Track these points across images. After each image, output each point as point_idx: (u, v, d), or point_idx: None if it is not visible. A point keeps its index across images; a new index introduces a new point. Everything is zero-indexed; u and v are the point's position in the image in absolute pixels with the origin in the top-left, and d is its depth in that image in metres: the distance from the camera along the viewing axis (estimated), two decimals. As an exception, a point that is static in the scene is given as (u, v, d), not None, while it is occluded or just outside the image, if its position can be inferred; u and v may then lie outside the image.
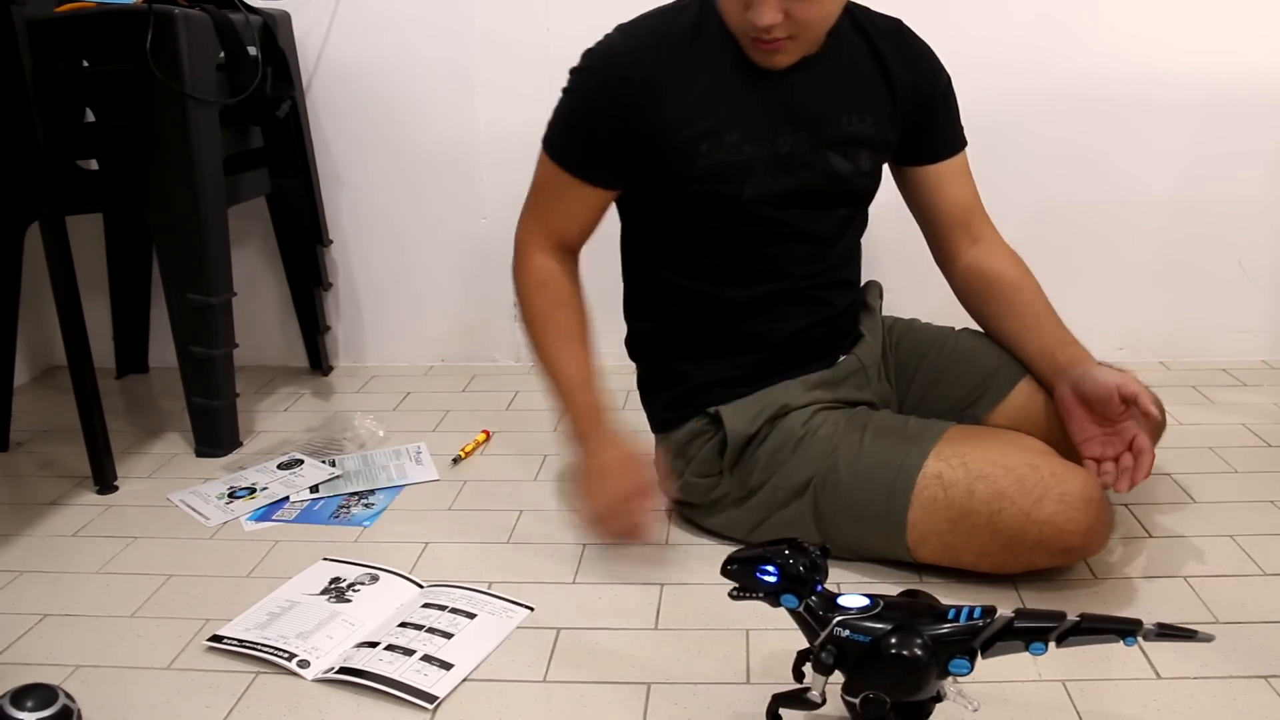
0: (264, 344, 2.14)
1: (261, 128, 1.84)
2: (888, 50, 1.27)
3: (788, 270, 1.27)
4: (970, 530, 1.13)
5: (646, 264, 1.33)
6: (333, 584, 1.22)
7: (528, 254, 1.29)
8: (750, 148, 1.20)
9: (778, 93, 1.20)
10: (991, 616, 0.81)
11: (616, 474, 1.22)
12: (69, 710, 0.91)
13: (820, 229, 1.27)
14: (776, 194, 1.22)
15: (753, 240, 1.25)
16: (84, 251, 1.80)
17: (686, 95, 1.19)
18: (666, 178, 1.22)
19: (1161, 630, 0.79)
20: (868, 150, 1.27)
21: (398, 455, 1.64)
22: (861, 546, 1.21)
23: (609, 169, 1.24)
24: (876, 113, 1.26)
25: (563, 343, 1.27)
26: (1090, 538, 1.11)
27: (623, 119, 1.19)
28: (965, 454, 1.15)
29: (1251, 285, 1.96)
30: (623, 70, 1.19)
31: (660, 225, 1.28)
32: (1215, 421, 1.67)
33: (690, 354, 1.31)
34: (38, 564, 1.32)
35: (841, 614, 0.84)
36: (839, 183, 1.26)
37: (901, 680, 0.82)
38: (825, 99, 1.23)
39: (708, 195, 1.22)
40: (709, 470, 1.28)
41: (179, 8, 1.54)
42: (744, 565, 0.87)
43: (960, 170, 1.35)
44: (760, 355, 1.29)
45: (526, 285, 1.29)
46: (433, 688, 1.02)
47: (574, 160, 1.24)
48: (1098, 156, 1.91)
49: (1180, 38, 1.83)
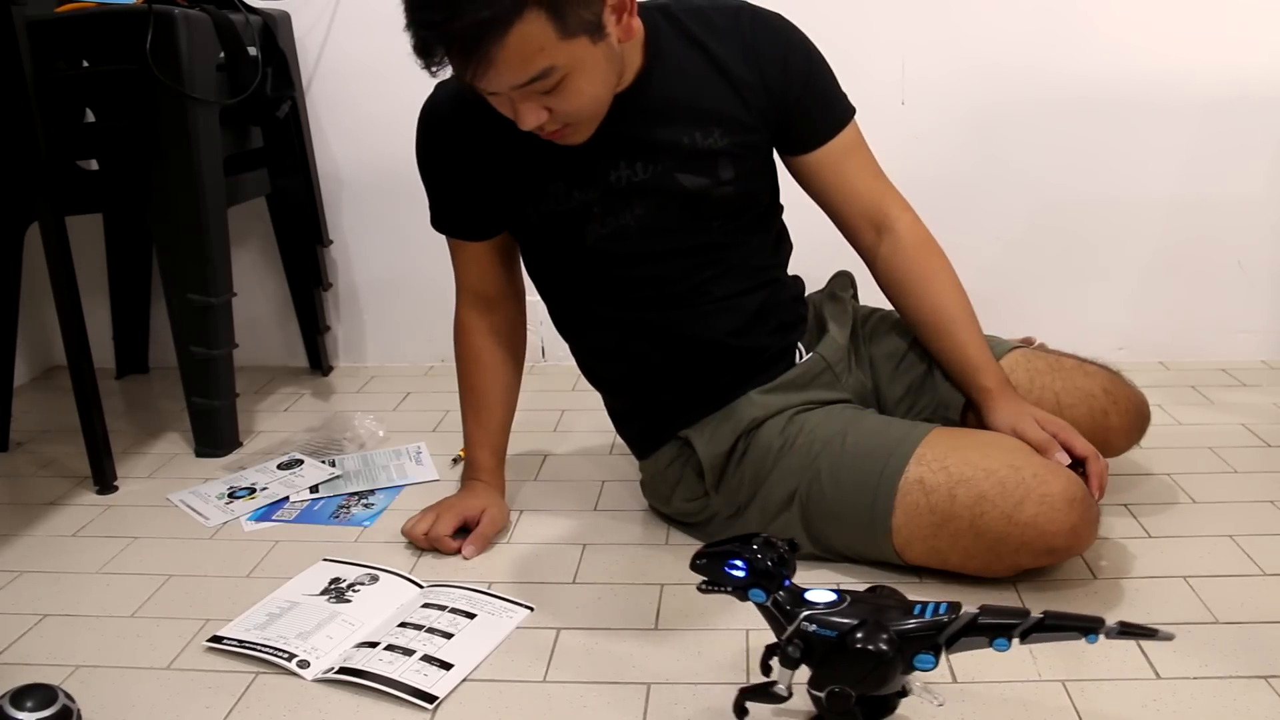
0: (264, 344, 2.14)
1: (261, 128, 1.84)
2: (726, 53, 1.18)
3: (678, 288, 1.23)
4: (954, 534, 1.12)
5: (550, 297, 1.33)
6: (332, 584, 1.22)
7: (457, 309, 1.37)
8: (579, 193, 1.17)
9: (601, 131, 1.13)
10: (957, 613, 0.83)
11: (449, 514, 1.32)
12: (69, 710, 0.91)
13: (696, 244, 1.21)
14: (622, 230, 1.19)
15: (621, 273, 1.22)
16: (84, 251, 1.81)
17: (501, 149, 1.18)
18: (509, 223, 1.27)
19: (1123, 629, 0.80)
20: (726, 159, 1.19)
21: (398, 455, 1.64)
22: (853, 551, 1.21)
23: (469, 221, 1.28)
24: (723, 122, 1.18)
25: (470, 405, 1.39)
26: (1074, 538, 1.10)
27: (454, 168, 1.23)
28: (946, 458, 1.14)
29: (1251, 285, 1.96)
30: (437, 121, 1.22)
31: (544, 264, 1.30)
32: (1215, 421, 1.67)
33: (635, 380, 1.31)
34: (38, 564, 1.32)
35: (808, 609, 0.85)
36: (697, 199, 1.19)
37: (867, 675, 0.83)
38: (657, 123, 1.16)
39: (552, 243, 1.24)
40: (695, 493, 1.28)
41: (179, 8, 1.54)
42: (712, 559, 0.88)
43: (847, 149, 1.25)
44: (705, 373, 1.25)
45: (455, 341, 1.39)
46: (432, 688, 1.02)
47: (447, 224, 1.31)
48: (1098, 157, 1.91)
49: (1180, 39, 1.83)
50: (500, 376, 1.38)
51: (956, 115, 1.89)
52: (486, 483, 1.39)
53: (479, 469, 1.39)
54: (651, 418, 1.31)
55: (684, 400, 1.27)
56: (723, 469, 1.24)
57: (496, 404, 1.39)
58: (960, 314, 1.28)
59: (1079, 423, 1.28)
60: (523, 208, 1.21)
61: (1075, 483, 1.11)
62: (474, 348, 1.37)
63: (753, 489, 1.23)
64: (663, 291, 1.23)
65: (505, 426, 1.41)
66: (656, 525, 1.37)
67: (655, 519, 1.39)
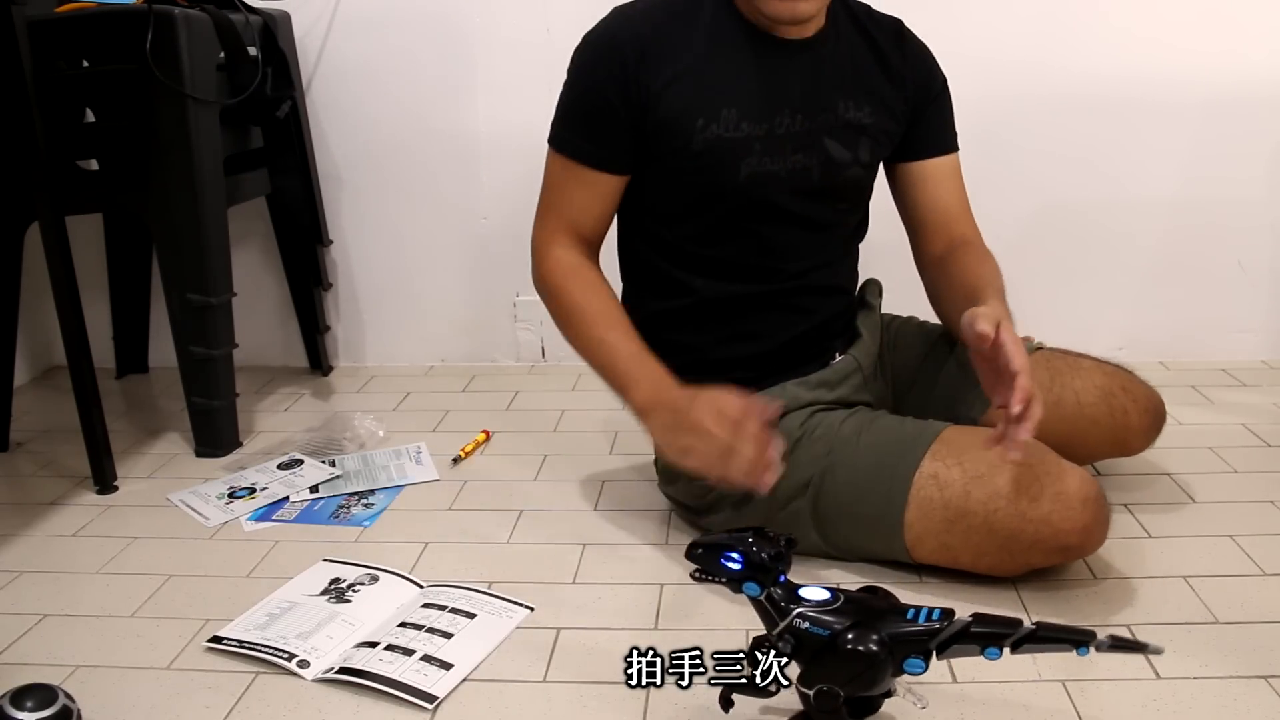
0: (264, 344, 2.14)
1: (261, 128, 1.84)
2: (887, 45, 1.28)
3: (782, 264, 1.27)
4: (967, 530, 1.13)
5: (637, 255, 1.32)
6: (332, 584, 1.22)
7: (548, 252, 1.26)
8: (748, 125, 1.20)
9: (776, 73, 1.21)
10: (950, 619, 0.83)
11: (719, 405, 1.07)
12: (69, 710, 0.91)
13: (817, 217, 1.27)
14: (772, 175, 1.22)
15: (747, 224, 1.24)
16: (84, 251, 1.81)
17: (683, 70, 1.19)
18: (663, 154, 1.22)
19: (1114, 643, 0.81)
20: (867, 140, 1.26)
21: (398, 455, 1.64)
22: (861, 547, 1.21)
23: (613, 151, 1.23)
24: (874, 103, 1.26)
25: (607, 325, 1.22)
26: (1087, 536, 1.11)
27: (620, 94, 1.19)
28: (961, 454, 1.15)
29: (1251, 285, 1.96)
30: (617, 45, 1.19)
31: (654, 210, 1.27)
32: (1215, 421, 1.67)
33: (684, 353, 1.30)
34: (38, 564, 1.32)
35: (802, 605, 0.85)
36: (836, 171, 1.25)
37: (857, 675, 0.84)
38: (824, 83, 1.23)
39: (703, 173, 1.21)
40: None
41: (179, 8, 1.54)
42: (709, 550, 0.88)
43: (949, 173, 1.34)
44: (751, 356, 1.29)
45: (554, 277, 1.25)
46: (432, 688, 1.02)
47: (580, 149, 1.24)
48: (1098, 157, 1.91)
49: (1180, 38, 1.83)
50: (619, 302, 1.26)
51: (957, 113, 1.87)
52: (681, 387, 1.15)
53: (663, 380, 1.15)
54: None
55: (722, 382, 1.25)
56: None
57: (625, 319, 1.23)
58: (987, 284, 1.21)
59: (1099, 420, 1.29)
60: (689, 131, 1.19)
61: (1089, 481, 1.11)
62: (593, 277, 1.24)
63: None
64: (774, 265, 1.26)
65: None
66: (656, 525, 1.37)
67: (655, 519, 1.39)
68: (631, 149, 1.23)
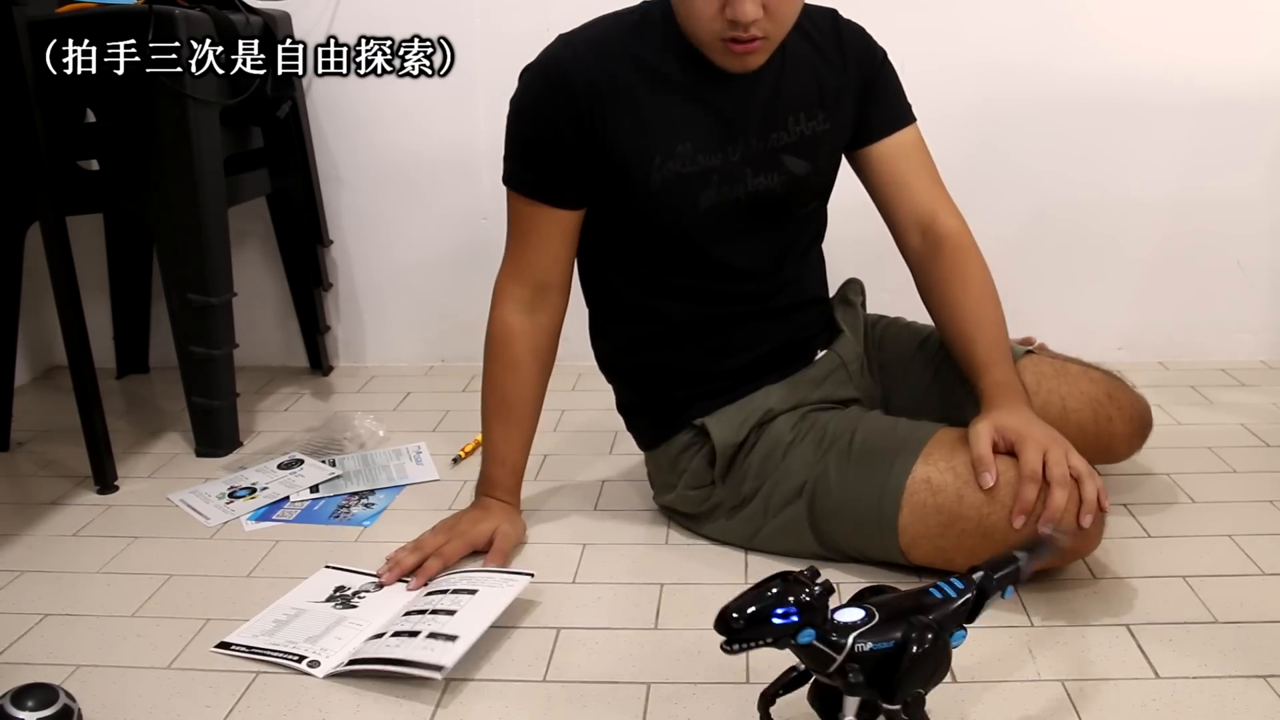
0: (264, 344, 2.14)
1: (262, 128, 1.85)
2: (826, 42, 1.26)
3: (752, 281, 1.26)
4: (961, 534, 1.12)
5: (606, 284, 1.31)
6: (337, 592, 1.22)
7: (498, 306, 1.28)
8: (704, 157, 1.19)
9: (726, 101, 1.19)
10: (972, 584, 0.87)
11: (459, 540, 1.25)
12: (69, 710, 0.91)
13: (784, 227, 1.27)
14: (733, 202, 1.21)
15: (713, 250, 1.24)
16: (84, 251, 1.80)
17: (633, 106, 1.17)
18: (620, 194, 1.21)
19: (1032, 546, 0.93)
20: (825, 145, 1.26)
21: (398, 455, 1.64)
22: (856, 549, 1.21)
23: (566, 185, 1.22)
24: (827, 106, 1.25)
25: (499, 413, 1.31)
26: (1080, 541, 1.11)
27: (571, 129, 1.17)
28: (954, 458, 1.14)
29: (1250, 286, 1.96)
30: (564, 79, 1.17)
31: (616, 243, 1.27)
32: (1214, 421, 1.68)
33: (663, 372, 1.31)
34: (38, 564, 1.32)
35: (853, 630, 0.81)
36: (799, 184, 1.25)
37: (935, 670, 0.83)
38: (774, 103, 1.21)
39: (661, 212, 1.21)
40: (701, 481, 1.28)
41: (179, 8, 1.54)
42: (752, 619, 0.78)
43: (910, 148, 1.31)
44: (733, 366, 1.28)
45: (487, 341, 1.29)
46: (440, 659, 1.01)
47: (531, 184, 1.22)
48: (1097, 157, 1.91)
49: (1179, 40, 1.84)
50: (535, 389, 1.31)
51: (956, 114, 1.88)
52: (503, 501, 1.32)
53: (495, 486, 1.32)
54: (668, 408, 1.30)
55: (705, 392, 1.28)
56: (732, 459, 1.25)
57: (526, 418, 1.31)
58: (979, 317, 1.26)
59: (1084, 427, 1.28)
60: (645, 168, 1.19)
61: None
62: (514, 355, 1.28)
63: (758, 481, 1.23)
64: (739, 287, 1.27)
65: (530, 442, 1.33)
66: (657, 525, 1.37)
67: (655, 519, 1.39)
68: (584, 184, 1.22)
